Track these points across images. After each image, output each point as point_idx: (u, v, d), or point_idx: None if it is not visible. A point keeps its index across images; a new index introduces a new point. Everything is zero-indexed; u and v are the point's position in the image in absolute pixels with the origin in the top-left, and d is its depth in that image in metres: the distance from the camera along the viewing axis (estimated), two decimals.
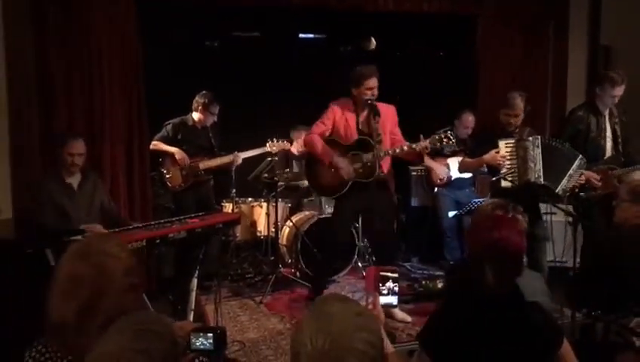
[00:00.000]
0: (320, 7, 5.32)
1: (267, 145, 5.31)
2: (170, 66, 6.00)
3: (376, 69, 4.18)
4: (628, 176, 2.83)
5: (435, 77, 6.59)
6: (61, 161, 3.95)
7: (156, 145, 5.01)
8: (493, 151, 4.06)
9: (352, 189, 4.23)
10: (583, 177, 4.04)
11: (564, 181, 3.96)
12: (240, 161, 5.19)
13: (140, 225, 3.67)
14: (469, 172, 5.23)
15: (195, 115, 5.10)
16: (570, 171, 3.97)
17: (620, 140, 4.33)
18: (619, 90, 4.21)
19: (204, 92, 5.10)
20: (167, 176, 4.97)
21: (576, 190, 4.11)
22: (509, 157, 4.02)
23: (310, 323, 1.31)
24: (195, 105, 5.09)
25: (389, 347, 2.05)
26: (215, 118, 5.15)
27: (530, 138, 3.98)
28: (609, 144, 4.35)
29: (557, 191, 3.95)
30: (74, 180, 4.01)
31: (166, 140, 5.03)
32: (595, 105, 4.35)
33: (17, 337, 1.79)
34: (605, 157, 4.32)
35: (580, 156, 4.02)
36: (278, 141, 5.34)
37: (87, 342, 1.57)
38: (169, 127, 5.07)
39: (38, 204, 3.86)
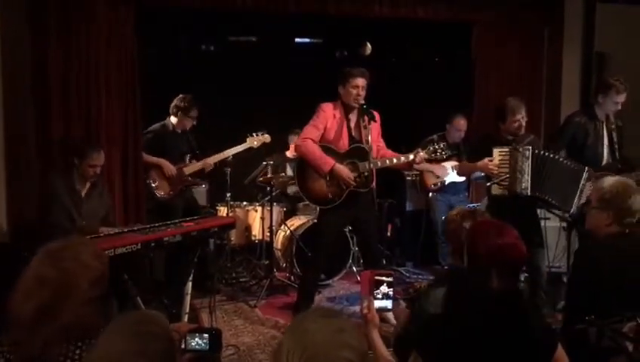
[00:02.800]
0: (316, 12, 5.33)
1: (247, 140, 5.14)
2: (167, 70, 6.00)
3: (366, 72, 4.04)
4: (598, 183, 2.78)
5: (430, 82, 6.63)
6: (80, 170, 4.00)
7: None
8: (486, 159, 4.06)
9: (344, 200, 4.03)
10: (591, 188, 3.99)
11: (576, 200, 3.88)
12: (212, 166, 5.01)
13: (135, 228, 3.66)
14: (465, 175, 5.24)
15: (174, 120, 4.98)
16: (580, 187, 3.89)
17: (616, 146, 4.34)
18: (622, 97, 4.24)
19: (181, 96, 4.99)
20: (154, 185, 4.87)
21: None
22: (500, 165, 4.01)
23: (288, 340, 1.29)
24: (173, 109, 4.97)
25: (384, 352, 2.06)
26: (194, 122, 5.04)
27: (521, 149, 3.93)
28: (606, 151, 4.35)
29: (571, 211, 3.88)
30: (83, 187, 4.05)
31: (148, 149, 4.89)
32: (593, 111, 4.36)
33: None
34: (602, 164, 4.33)
35: (587, 169, 3.94)
36: (258, 135, 5.16)
37: (38, 344, 1.58)
38: (149, 135, 4.95)
39: (49, 204, 3.91)
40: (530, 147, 3.97)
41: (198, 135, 5.20)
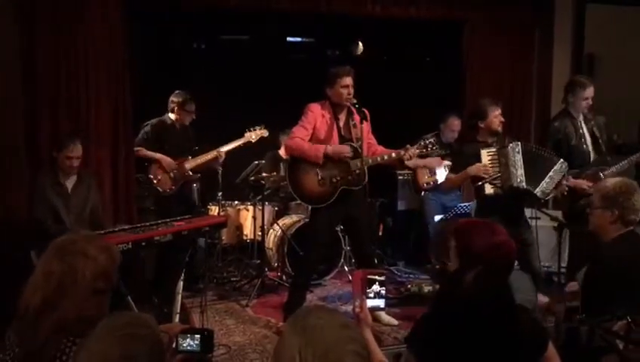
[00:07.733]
0: (308, 12, 5.32)
1: (245, 135, 5.11)
2: (158, 69, 5.97)
3: (351, 70, 4.04)
4: (600, 183, 2.82)
5: (421, 82, 6.63)
6: (58, 163, 4.00)
7: (139, 150, 4.88)
8: (477, 164, 4.07)
9: (336, 198, 4.01)
10: (564, 185, 4.03)
11: (544, 183, 3.95)
12: (223, 155, 5.03)
13: (126, 227, 3.64)
14: (455, 187, 5.15)
15: (172, 115, 5.01)
16: (551, 173, 3.96)
17: (600, 141, 4.37)
18: (590, 92, 4.27)
19: (177, 91, 5.02)
20: (156, 181, 4.85)
21: (559, 195, 4.11)
22: (491, 165, 4.04)
23: (296, 337, 1.27)
24: (170, 105, 5.01)
25: (377, 351, 2.05)
26: (193, 116, 5.06)
27: (511, 144, 3.99)
28: (591, 147, 4.39)
29: (536, 192, 3.93)
30: (69, 182, 4.06)
31: (147, 143, 4.91)
32: (569, 113, 4.40)
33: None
34: (591, 161, 4.36)
35: (561, 160, 4.01)
36: (256, 130, 5.13)
37: (38, 337, 1.59)
38: (147, 128, 4.96)
39: (34, 201, 3.94)
40: (519, 142, 4.02)
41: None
